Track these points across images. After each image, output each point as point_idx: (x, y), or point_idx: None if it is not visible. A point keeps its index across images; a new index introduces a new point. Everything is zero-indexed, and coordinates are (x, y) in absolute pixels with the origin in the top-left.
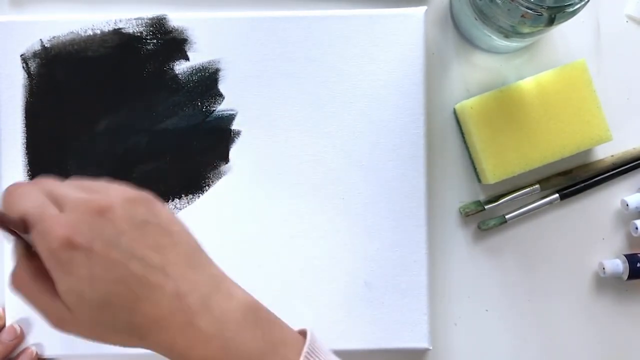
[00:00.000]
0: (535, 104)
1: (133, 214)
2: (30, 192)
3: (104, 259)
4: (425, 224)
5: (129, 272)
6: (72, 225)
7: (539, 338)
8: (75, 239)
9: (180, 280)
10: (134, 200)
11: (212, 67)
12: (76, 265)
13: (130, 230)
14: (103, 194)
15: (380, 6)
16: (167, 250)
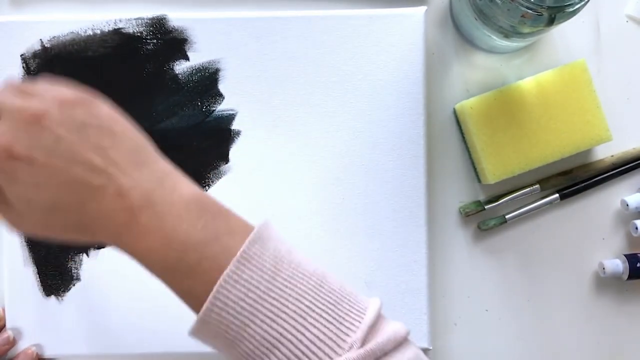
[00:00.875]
0: (535, 104)
1: (70, 118)
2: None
3: (46, 167)
4: (425, 224)
5: (71, 176)
6: (10, 136)
7: (539, 338)
8: (14, 149)
9: (122, 178)
10: (71, 102)
11: (212, 67)
12: (20, 174)
13: (69, 135)
14: (39, 99)
15: (380, 6)
16: (109, 151)
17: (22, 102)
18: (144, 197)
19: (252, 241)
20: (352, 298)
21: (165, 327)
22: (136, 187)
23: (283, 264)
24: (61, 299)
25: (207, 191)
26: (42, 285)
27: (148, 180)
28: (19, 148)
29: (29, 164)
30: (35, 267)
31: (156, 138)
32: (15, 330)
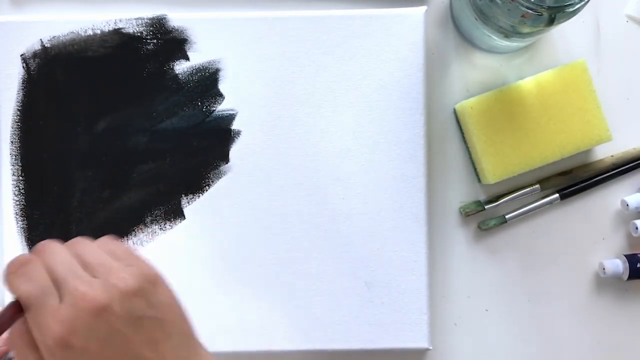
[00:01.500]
0: (535, 104)
1: (130, 310)
2: (33, 271)
3: (97, 358)
4: (425, 224)
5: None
6: (68, 324)
7: (539, 338)
8: (71, 339)
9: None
10: (133, 294)
11: (212, 67)
12: None
13: (126, 328)
14: (103, 286)
15: (380, 6)
16: (160, 344)
17: (85, 288)
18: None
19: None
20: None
21: None
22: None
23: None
24: None
25: (207, 191)
26: None
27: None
28: (75, 339)
29: (82, 354)
30: None
31: (156, 138)
32: None
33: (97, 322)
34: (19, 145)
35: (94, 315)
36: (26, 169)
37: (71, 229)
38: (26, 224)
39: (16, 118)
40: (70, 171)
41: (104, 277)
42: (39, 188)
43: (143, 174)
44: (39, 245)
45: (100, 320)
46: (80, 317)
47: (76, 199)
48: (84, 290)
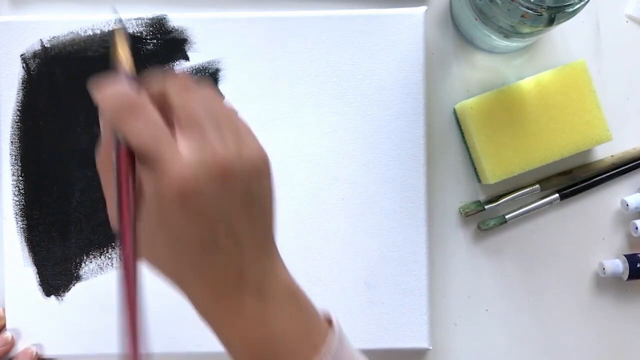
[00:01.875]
0: (535, 104)
1: (248, 184)
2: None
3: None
4: (425, 224)
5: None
6: (192, 181)
7: (539, 338)
8: (188, 198)
9: (249, 257)
10: (256, 170)
11: (212, 67)
12: (173, 220)
13: (236, 197)
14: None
15: (380, 6)
16: (255, 226)
17: (220, 145)
18: (256, 281)
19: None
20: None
21: (166, 327)
22: (254, 270)
23: None
24: (61, 299)
25: None
26: (42, 285)
27: (265, 265)
28: (195, 198)
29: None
30: (35, 267)
31: None
32: (15, 331)
33: (220, 187)
34: (19, 145)
35: (220, 174)
36: (26, 169)
37: (71, 229)
38: (26, 224)
39: (16, 118)
40: (70, 171)
41: (235, 140)
42: (39, 188)
43: None
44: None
45: (223, 182)
46: (207, 177)
47: (76, 199)
48: (217, 144)
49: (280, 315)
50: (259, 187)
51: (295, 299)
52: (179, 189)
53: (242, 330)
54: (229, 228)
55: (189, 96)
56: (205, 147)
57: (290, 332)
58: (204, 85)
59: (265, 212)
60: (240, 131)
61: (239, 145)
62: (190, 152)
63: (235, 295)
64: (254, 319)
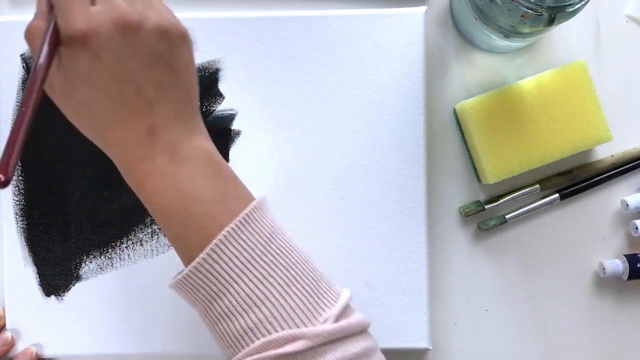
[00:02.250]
0: (535, 104)
1: (154, 45)
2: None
3: (105, 69)
4: (425, 224)
5: (120, 91)
6: (94, 25)
7: (539, 338)
8: (90, 38)
9: (161, 119)
10: (164, 33)
11: (212, 67)
12: (79, 61)
13: (143, 58)
14: (142, 11)
15: (380, 6)
16: (165, 90)
17: (124, 5)
18: (169, 143)
19: (255, 207)
20: (328, 282)
21: (165, 327)
22: (168, 133)
23: (277, 234)
24: (61, 299)
25: None
26: (42, 285)
27: (180, 130)
28: (94, 40)
29: (93, 58)
30: (35, 267)
31: None
32: (14, 331)
33: (122, 37)
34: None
35: (121, 28)
36: (26, 169)
37: (71, 229)
38: (26, 224)
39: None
40: (70, 171)
41: (142, 7)
42: (39, 188)
43: None
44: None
45: (125, 36)
46: (108, 24)
47: (76, 199)
48: (120, 5)
49: (194, 178)
50: (170, 52)
51: (213, 166)
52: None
53: (157, 188)
54: (134, 84)
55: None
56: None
57: (204, 194)
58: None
59: (180, 80)
60: (153, 3)
61: (146, 10)
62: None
63: (149, 155)
64: (166, 178)
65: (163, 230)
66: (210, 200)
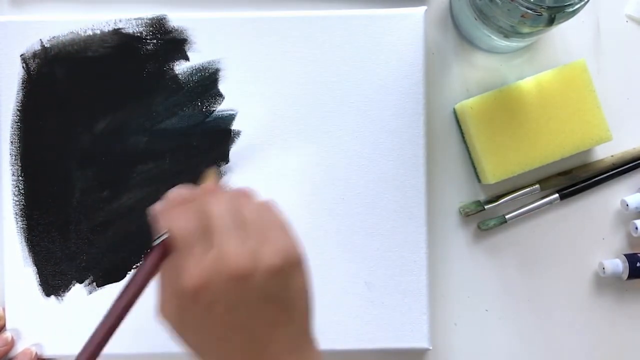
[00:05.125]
0: (535, 104)
1: (267, 287)
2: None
3: (215, 320)
4: (425, 224)
5: (231, 338)
6: (207, 277)
7: (539, 338)
8: (203, 293)
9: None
10: (276, 272)
11: (212, 67)
12: (190, 313)
13: (255, 303)
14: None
15: (380, 6)
16: (279, 328)
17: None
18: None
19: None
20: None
21: None
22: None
23: None
24: (61, 299)
25: None
26: (42, 285)
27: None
28: (207, 296)
29: (204, 312)
30: (35, 267)
31: (156, 138)
32: (15, 331)
33: (233, 287)
34: (19, 145)
35: (232, 279)
36: (26, 169)
37: (70, 229)
38: (26, 224)
39: (16, 118)
40: (70, 171)
41: (255, 243)
42: (39, 188)
43: (143, 174)
44: (205, 186)
45: (236, 286)
46: (220, 276)
47: (76, 199)
48: (232, 250)
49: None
50: (283, 287)
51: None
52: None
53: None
54: (245, 330)
55: (212, 200)
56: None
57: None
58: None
59: (293, 313)
60: (265, 230)
61: (259, 247)
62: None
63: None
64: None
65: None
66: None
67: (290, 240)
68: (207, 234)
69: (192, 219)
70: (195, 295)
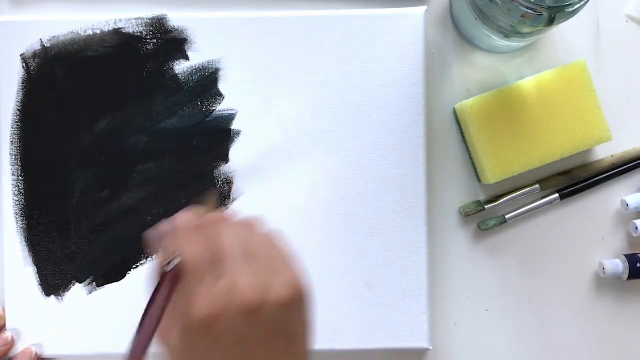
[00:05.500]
0: (535, 103)
1: (275, 320)
2: (205, 239)
3: (223, 351)
4: (425, 224)
5: None
6: (218, 309)
7: (539, 338)
8: (212, 324)
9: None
10: (285, 304)
11: (212, 67)
12: (196, 343)
13: (263, 336)
14: (263, 285)
15: (380, 6)
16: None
17: (245, 282)
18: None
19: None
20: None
21: None
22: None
23: None
24: (61, 299)
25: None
26: (42, 285)
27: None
28: (217, 327)
29: (212, 343)
30: (35, 267)
31: (156, 138)
32: (15, 331)
33: (243, 319)
34: (19, 145)
35: (243, 311)
36: (26, 169)
37: (70, 229)
38: (26, 224)
39: (16, 118)
40: (70, 171)
41: (265, 276)
42: (39, 188)
43: (143, 174)
44: (217, 213)
45: (246, 318)
46: (230, 307)
47: (76, 199)
48: (242, 282)
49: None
50: (289, 319)
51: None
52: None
53: None
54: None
55: (223, 229)
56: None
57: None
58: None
59: (296, 347)
60: (273, 262)
61: (268, 279)
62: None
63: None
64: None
65: None
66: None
67: (297, 273)
68: (217, 263)
69: (204, 246)
70: (204, 326)
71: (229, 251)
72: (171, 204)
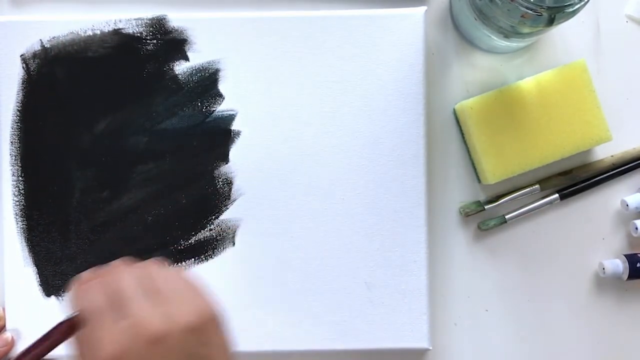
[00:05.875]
0: (535, 104)
1: (185, 347)
2: (98, 287)
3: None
4: (425, 224)
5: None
6: (122, 346)
7: (539, 338)
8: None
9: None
10: (191, 330)
11: (212, 67)
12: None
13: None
14: (164, 316)
15: (380, 6)
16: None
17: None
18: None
19: None
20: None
21: None
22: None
23: None
24: (61, 299)
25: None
26: (42, 285)
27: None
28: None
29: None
30: (35, 267)
31: (156, 138)
32: (15, 331)
33: (150, 351)
34: (19, 145)
35: (148, 343)
36: (26, 169)
37: (70, 229)
38: (26, 225)
39: (16, 118)
40: (70, 171)
41: (167, 307)
42: (39, 188)
43: (143, 174)
44: (113, 263)
45: (153, 350)
46: (135, 342)
47: (76, 199)
48: (144, 317)
49: None
50: (202, 343)
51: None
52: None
53: None
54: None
55: (120, 274)
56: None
57: None
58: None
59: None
60: (177, 294)
61: (172, 309)
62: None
63: None
64: None
65: None
66: None
67: (203, 299)
68: (118, 305)
69: (101, 293)
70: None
71: (128, 292)
72: (171, 204)
